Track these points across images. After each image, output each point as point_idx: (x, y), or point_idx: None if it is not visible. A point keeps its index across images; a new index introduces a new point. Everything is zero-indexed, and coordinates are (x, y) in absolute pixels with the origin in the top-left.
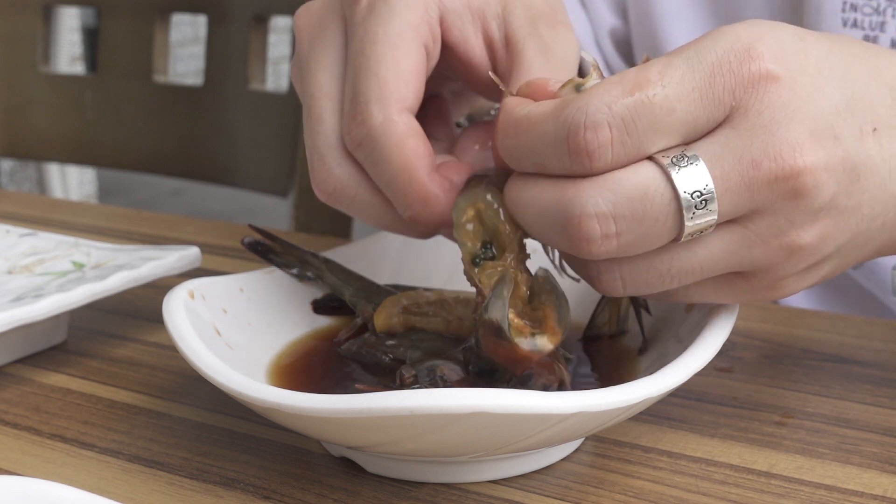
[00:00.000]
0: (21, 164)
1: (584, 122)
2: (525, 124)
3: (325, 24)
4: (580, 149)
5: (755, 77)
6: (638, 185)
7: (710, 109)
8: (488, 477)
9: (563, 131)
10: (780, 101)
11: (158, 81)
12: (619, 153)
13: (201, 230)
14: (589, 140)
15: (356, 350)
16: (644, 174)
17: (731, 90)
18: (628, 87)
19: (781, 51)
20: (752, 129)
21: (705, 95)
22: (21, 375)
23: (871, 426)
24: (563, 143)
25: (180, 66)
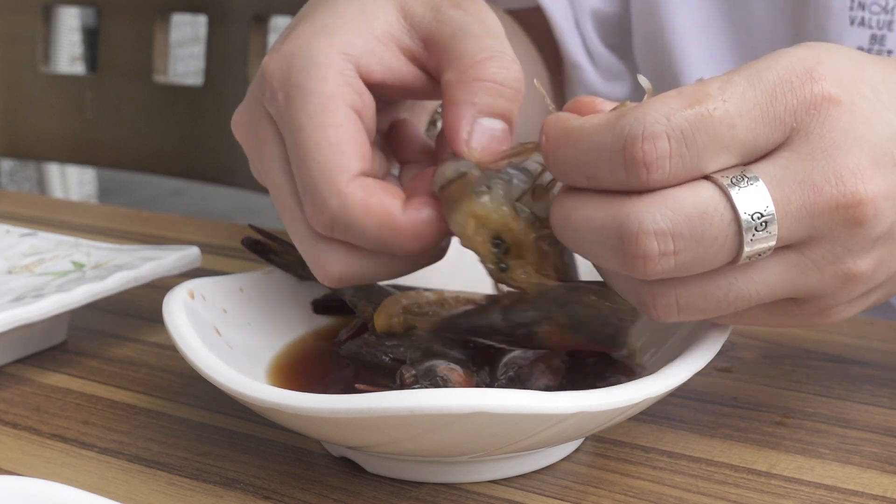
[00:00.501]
0: (21, 164)
1: (643, 133)
2: (577, 135)
3: (257, 129)
4: (637, 160)
5: (817, 99)
6: (697, 204)
7: (771, 129)
8: (488, 477)
9: (619, 142)
10: (841, 126)
11: (158, 81)
12: (676, 167)
13: (201, 230)
14: (647, 151)
15: (356, 350)
16: (704, 193)
17: (792, 111)
18: (687, 101)
19: (840, 74)
20: (812, 152)
21: (766, 114)
22: (21, 375)
23: (871, 426)
24: (618, 155)
25: (180, 66)
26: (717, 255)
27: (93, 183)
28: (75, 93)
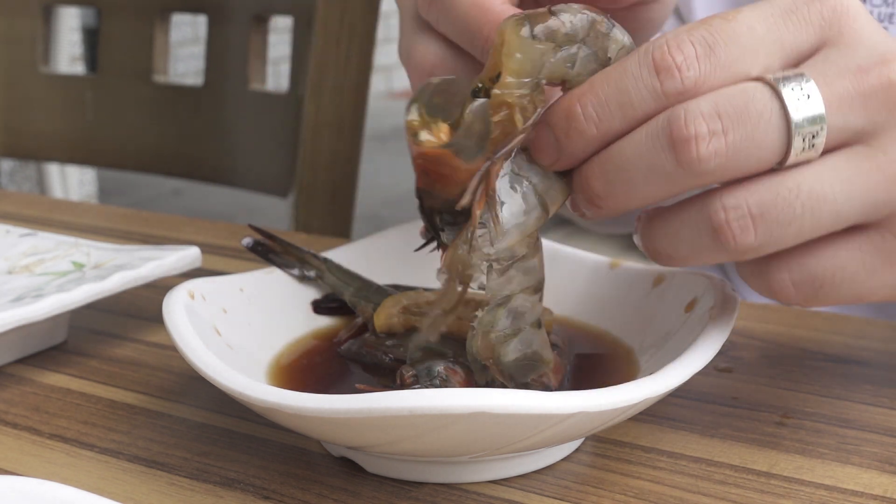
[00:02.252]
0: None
1: (667, 44)
2: (602, 75)
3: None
4: (669, 64)
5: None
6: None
7: (798, 30)
8: (488, 477)
9: (647, 58)
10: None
11: (158, 81)
12: (706, 67)
13: (201, 230)
14: (675, 55)
15: (356, 350)
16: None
17: (818, 12)
18: (705, 19)
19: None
20: (851, 43)
21: (790, 18)
22: (21, 375)
23: (871, 426)
24: (650, 68)
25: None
26: (767, 133)
27: (93, 183)
28: (75, 93)
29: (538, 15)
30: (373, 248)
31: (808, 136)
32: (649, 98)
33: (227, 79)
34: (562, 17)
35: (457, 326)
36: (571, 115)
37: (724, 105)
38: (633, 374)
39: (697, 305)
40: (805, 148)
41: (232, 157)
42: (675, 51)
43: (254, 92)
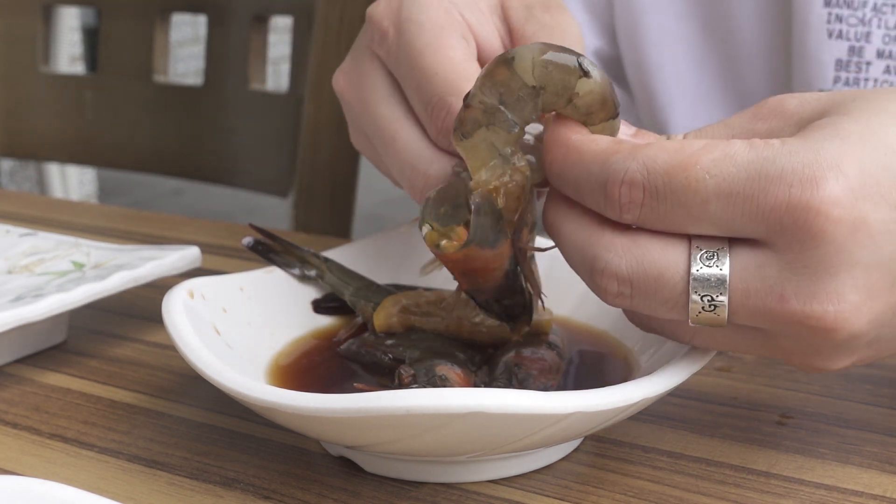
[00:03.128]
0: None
1: (622, 178)
2: (575, 156)
3: (363, 72)
4: (614, 199)
5: (812, 213)
6: (658, 263)
7: (751, 222)
8: (487, 476)
9: (602, 177)
10: (834, 244)
11: (158, 81)
12: (647, 215)
13: (201, 230)
14: (622, 194)
15: (356, 350)
16: (669, 255)
17: (779, 215)
18: (676, 160)
19: (857, 184)
20: (793, 263)
21: (750, 206)
22: (21, 375)
23: (871, 426)
24: (601, 188)
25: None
26: (666, 311)
27: (93, 183)
28: (75, 93)
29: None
30: (373, 248)
31: (703, 321)
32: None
33: (227, 79)
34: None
35: (456, 326)
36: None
37: (637, 275)
38: (632, 374)
39: None
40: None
41: (232, 157)
42: (625, 189)
43: (254, 92)
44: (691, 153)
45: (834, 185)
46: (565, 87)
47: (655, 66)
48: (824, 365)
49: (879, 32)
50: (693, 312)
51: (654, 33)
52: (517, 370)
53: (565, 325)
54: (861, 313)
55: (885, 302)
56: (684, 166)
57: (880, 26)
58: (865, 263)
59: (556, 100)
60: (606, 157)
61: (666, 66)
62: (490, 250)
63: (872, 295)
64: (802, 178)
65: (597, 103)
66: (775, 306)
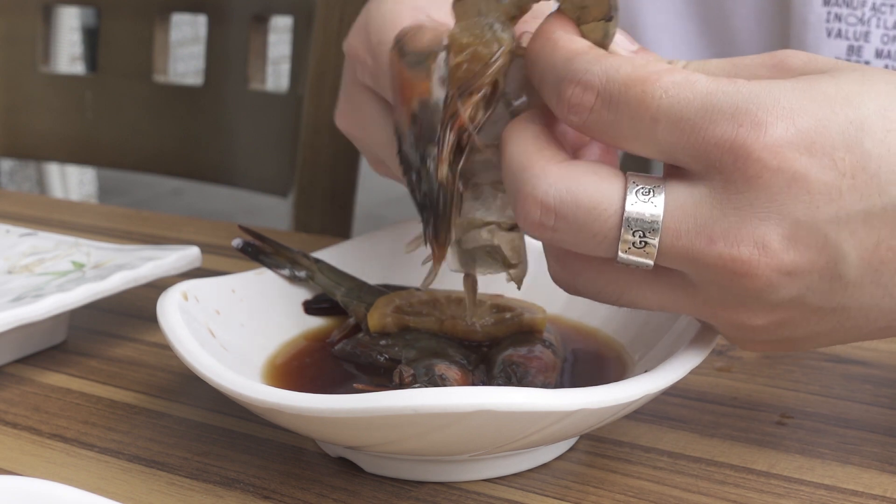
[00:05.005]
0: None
1: (580, 78)
2: (549, 48)
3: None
4: (564, 98)
5: (752, 155)
6: (592, 196)
7: (692, 152)
8: (486, 475)
9: (563, 73)
10: (768, 191)
11: (158, 81)
12: (593, 122)
13: (201, 230)
14: (574, 95)
15: (350, 350)
16: (604, 188)
17: (720, 151)
18: (636, 74)
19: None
20: (725, 203)
21: (695, 136)
22: (21, 375)
23: (871, 426)
24: (556, 86)
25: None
26: (594, 249)
27: (93, 183)
28: (75, 93)
29: None
30: (363, 248)
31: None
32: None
33: (227, 79)
34: None
35: (451, 326)
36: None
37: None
38: (627, 370)
39: None
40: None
41: (232, 157)
42: (578, 90)
43: (254, 92)
44: (654, 71)
45: (781, 133)
46: None
47: None
48: (745, 319)
49: (878, 32)
50: (622, 249)
51: (653, 32)
52: (515, 369)
53: (557, 323)
54: (782, 263)
55: (811, 262)
56: (643, 80)
57: (879, 26)
58: (796, 218)
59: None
60: (573, 56)
61: None
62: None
63: (798, 250)
64: (751, 120)
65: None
66: (703, 247)
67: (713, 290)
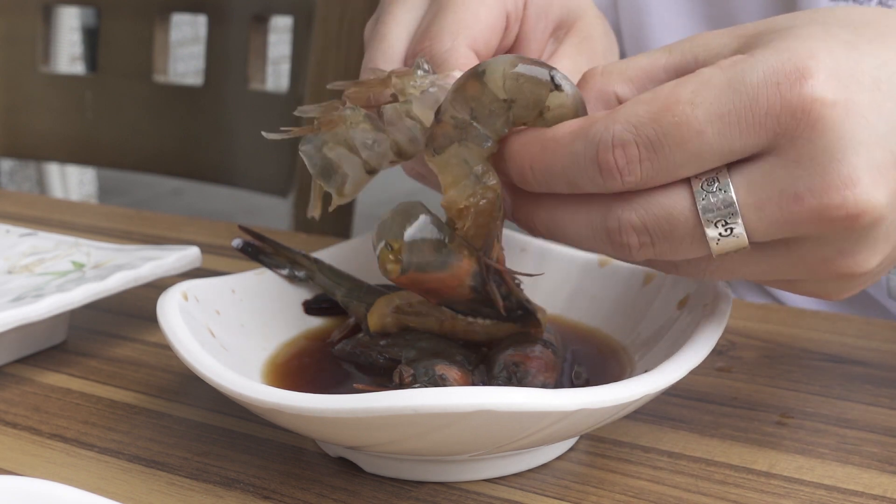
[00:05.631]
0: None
1: (612, 141)
2: (553, 146)
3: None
4: (611, 166)
5: (806, 102)
6: (664, 206)
7: (749, 135)
8: (486, 475)
9: (592, 150)
10: (833, 129)
11: (158, 81)
12: (648, 170)
13: (201, 230)
14: (618, 157)
15: (350, 350)
16: (673, 196)
17: (775, 115)
18: (657, 107)
19: (836, 67)
20: (799, 159)
21: (744, 119)
22: (21, 375)
23: (871, 426)
24: (593, 162)
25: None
26: (690, 249)
27: (93, 183)
28: (75, 93)
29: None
30: (364, 248)
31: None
32: (592, 186)
33: (227, 79)
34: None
35: (451, 326)
36: (522, 176)
37: (651, 224)
38: (627, 370)
39: (690, 302)
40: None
41: (232, 157)
42: (619, 152)
43: (254, 92)
44: (668, 94)
45: (819, 72)
46: (536, 100)
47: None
48: (852, 265)
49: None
50: (713, 244)
51: (659, 32)
52: (515, 369)
53: (557, 322)
54: (878, 191)
55: (893, 179)
56: (667, 107)
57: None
58: (867, 142)
59: (527, 113)
60: (586, 132)
61: None
62: (438, 273)
63: (882, 172)
64: (787, 74)
65: (568, 117)
66: (793, 208)
67: (814, 246)
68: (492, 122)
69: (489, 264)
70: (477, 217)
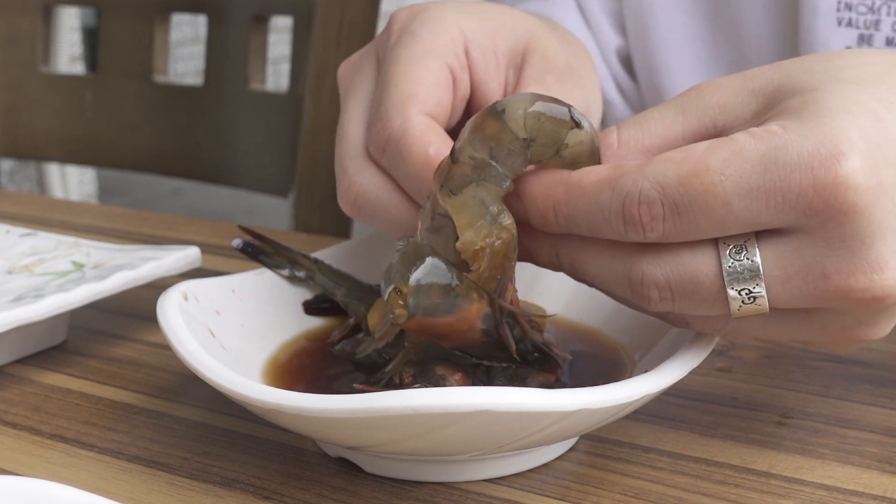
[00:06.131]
0: (21, 164)
1: (639, 197)
2: (578, 192)
3: (361, 66)
4: (635, 220)
5: (840, 190)
6: (690, 266)
7: (778, 212)
8: (486, 475)
9: (617, 203)
10: (864, 216)
11: (158, 81)
12: (671, 230)
13: (201, 230)
14: (643, 214)
15: (349, 350)
16: (699, 257)
17: (807, 199)
18: (685, 169)
19: (868, 151)
20: (829, 240)
21: (773, 198)
22: (21, 375)
23: (871, 426)
24: (618, 214)
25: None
26: (710, 309)
27: (93, 183)
28: (75, 93)
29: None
30: (364, 248)
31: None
32: (614, 235)
33: (227, 79)
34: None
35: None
36: (545, 216)
37: (674, 282)
38: (627, 371)
39: None
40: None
41: (232, 157)
42: (644, 208)
43: (254, 92)
44: (698, 159)
45: (853, 157)
46: (556, 138)
47: (664, 65)
48: (869, 334)
49: (889, 20)
50: (734, 307)
51: (663, 32)
52: (516, 369)
53: (557, 323)
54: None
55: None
56: (696, 173)
57: (889, 14)
58: (894, 228)
59: (545, 151)
60: (613, 184)
61: (674, 64)
62: (447, 317)
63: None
64: (822, 158)
65: (585, 154)
66: (819, 284)
67: (833, 317)
68: (510, 161)
69: (503, 306)
70: (492, 258)
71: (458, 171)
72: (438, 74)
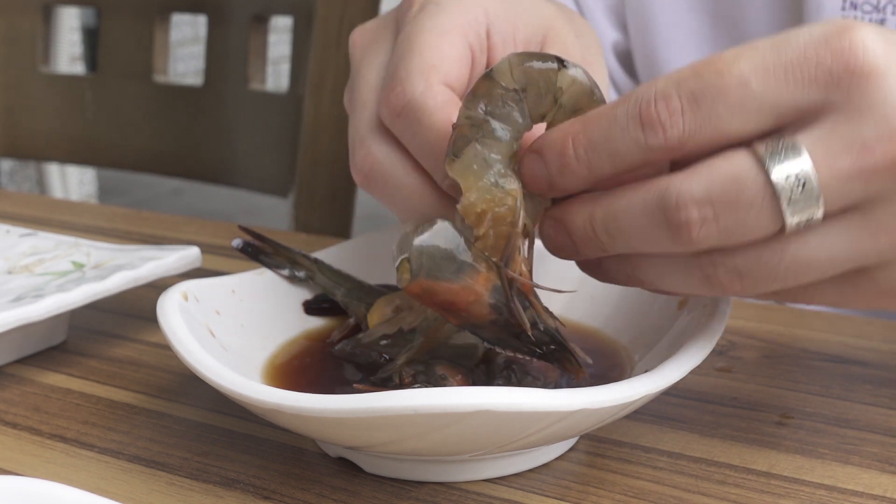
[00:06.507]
0: (21, 164)
1: (654, 95)
2: (595, 117)
3: (378, 34)
4: (653, 120)
5: (858, 50)
6: (729, 171)
7: (800, 88)
8: (486, 475)
9: (634, 108)
10: (889, 77)
11: (158, 81)
12: (690, 123)
13: (201, 230)
14: (660, 111)
15: (350, 350)
16: (736, 160)
17: (826, 67)
18: (698, 66)
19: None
20: (860, 109)
21: (793, 73)
22: (21, 375)
23: (871, 426)
24: (636, 120)
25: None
26: (759, 220)
27: (93, 183)
28: (75, 93)
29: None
30: (364, 248)
31: (804, 219)
32: (636, 150)
33: (227, 79)
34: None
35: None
36: (563, 154)
37: (715, 191)
38: (627, 371)
39: (690, 302)
40: (800, 226)
41: (232, 157)
42: (661, 104)
43: (254, 92)
44: (710, 58)
45: (863, 27)
46: (547, 83)
47: (666, 63)
48: None
49: (894, 19)
50: (786, 203)
51: (665, 30)
52: (515, 369)
53: None
54: None
55: None
56: (709, 62)
57: (895, 13)
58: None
59: (542, 101)
60: (629, 96)
61: (677, 62)
62: (450, 283)
63: None
64: (834, 31)
65: (584, 94)
66: (865, 158)
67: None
68: (507, 114)
69: (511, 277)
70: (496, 225)
71: (458, 133)
72: (461, 50)
